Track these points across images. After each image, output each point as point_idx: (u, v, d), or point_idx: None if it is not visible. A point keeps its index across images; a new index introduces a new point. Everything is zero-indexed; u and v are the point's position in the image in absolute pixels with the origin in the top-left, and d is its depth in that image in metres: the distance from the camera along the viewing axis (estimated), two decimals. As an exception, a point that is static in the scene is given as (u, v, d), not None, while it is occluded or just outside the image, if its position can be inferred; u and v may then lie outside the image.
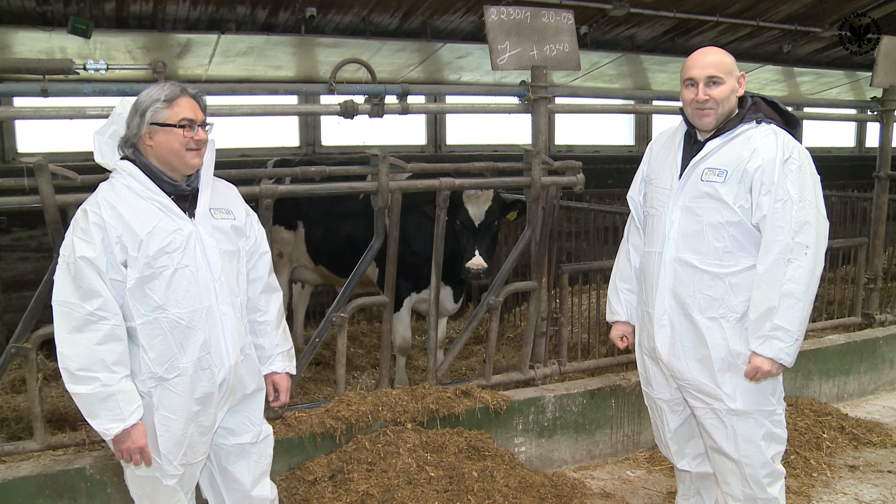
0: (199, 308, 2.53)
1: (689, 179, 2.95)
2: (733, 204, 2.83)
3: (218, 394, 2.63)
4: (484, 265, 4.55)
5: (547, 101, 4.31)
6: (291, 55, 7.29)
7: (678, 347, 3.00)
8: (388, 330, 4.20)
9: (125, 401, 2.43)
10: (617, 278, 3.35)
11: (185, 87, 2.56)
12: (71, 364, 2.39)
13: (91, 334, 2.39)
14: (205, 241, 2.56)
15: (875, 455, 4.46)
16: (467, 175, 4.25)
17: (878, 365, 5.57)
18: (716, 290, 2.89)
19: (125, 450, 2.49)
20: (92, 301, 2.39)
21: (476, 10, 6.59)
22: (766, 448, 2.95)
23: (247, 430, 2.79)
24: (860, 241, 5.97)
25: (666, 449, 3.35)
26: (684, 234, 2.95)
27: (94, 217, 2.43)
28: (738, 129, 2.90)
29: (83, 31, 5.53)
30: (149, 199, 2.51)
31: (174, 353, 2.51)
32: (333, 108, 4.00)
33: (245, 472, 2.80)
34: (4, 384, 5.13)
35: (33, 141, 7.58)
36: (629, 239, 3.33)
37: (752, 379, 2.86)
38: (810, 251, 2.76)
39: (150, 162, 2.54)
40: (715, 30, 7.80)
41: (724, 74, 2.88)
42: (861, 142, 12.41)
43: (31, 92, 3.56)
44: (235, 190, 2.86)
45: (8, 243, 7.28)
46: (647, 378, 3.27)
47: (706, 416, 3.02)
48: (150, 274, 2.45)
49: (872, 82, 5.55)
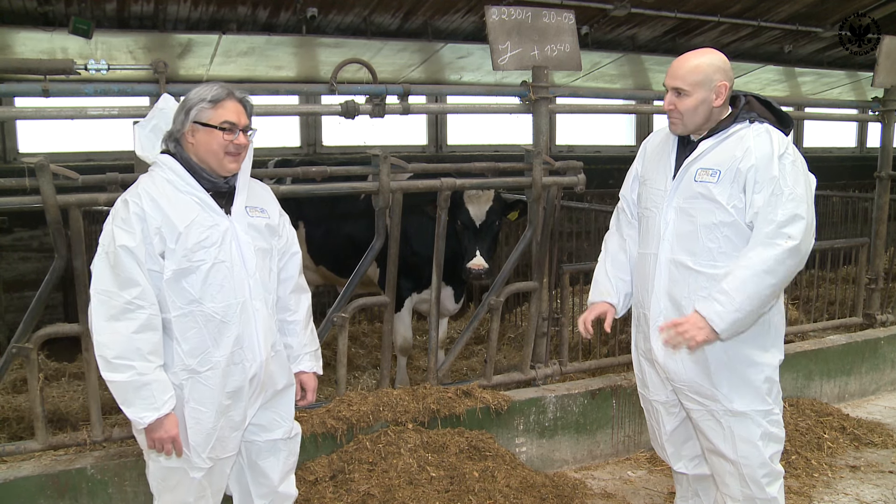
0: (233, 303, 2.56)
1: (682, 180, 2.94)
2: (727, 204, 2.82)
3: (249, 388, 2.66)
4: (485, 265, 4.56)
5: (548, 102, 4.31)
6: (292, 55, 7.29)
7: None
8: (389, 330, 4.20)
9: (159, 390, 2.46)
10: (608, 263, 3.26)
11: (232, 91, 2.59)
12: (108, 352, 2.42)
13: (128, 323, 2.41)
14: (240, 238, 2.60)
15: (876, 455, 4.46)
16: (468, 175, 4.25)
17: (880, 365, 5.57)
18: (710, 290, 2.85)
19: (157, 439, 2.51)
20: (130, 290, 2.42)
21: (477, 11, 6.59)
22: (763, 448, 2.94)
23: (278, 427, 2.83)
24: (861, 242, 5.97)
25: (662, 451, 3.34)
26: (679, 235, 2.94)
27: (135, 208, 2.46)
28: (730, 129, 2.89)
29: (84, 31, 5.54)
30: (187, 194, 2.55)
31: (208, 347, 2.55)
32: (334, 108, 4.00)
33: (275, 467, 2.84)
34: (6, 384, 5.14)
35: (34, 141, 7.60)
36: (621, 229, 3.26)
37: (669, 338, 2.77)
38: (792, 242, 2.70)
39: (191, 157, 2.58)
40: (716, 30, 7.79)
41: (690, 86, 2.84)
42: (862, 142, 12.41)
43: (32, 92, 3.56)
44: (270, 190, 2.90)
45: (9, 243, 7.29)
46: (643, 380, 3.26)
47: (703, 418, 3.01)
48: (187, 267, 2.49)
49: (874, 82, 5.54)
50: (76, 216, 3.29)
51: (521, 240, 4.33)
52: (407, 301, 5.13)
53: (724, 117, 2.93)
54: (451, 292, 5.15)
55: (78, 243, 3.31)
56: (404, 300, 5.10)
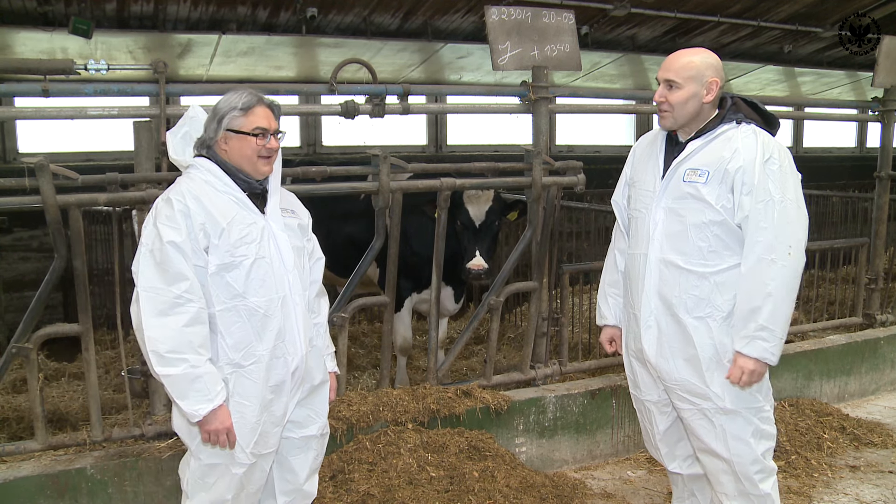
0: (275, 297, 2.63)
1: (671, 180, 2.95)
2: (715, 204, 2.84)
3: (290, 382, 2.71)
4: (485, 266, 4.56)
5: (548, 102, 4.31)
6: (292, 55, 7.29)
7: (665, 348, 3.00)
8: (388, 330, 4.20)
9: (212, 382, 2.50)
10: (605, 282, 3.34)
11: (261, 97, 2.67)
12: (160, 346, 2.44)
13: (178, 317, 2.45)
14: (277, 236, 2.68)
15: (876, 455, 4.46)
16: (468, 175, 4.25)
17: (879, 365, 5.57)
18: (701, 289, 2.89)
19: (212, 431, 2.52)
20: (179, 284, 2.47)
21: (477, 11, 6.59)
22: (755, 445, 2.96)
23: (313, 422, 2.87)
24: (861, 242, 5.97)
25: (656, 451, 3.33)
26: (668, 235, 2.96)
27: (180, 205, 2.52)
28: (718, 130, 2.91)
29: (84, 31, 5.54)
30: (225, 193, 2.62)
31: (251, 341, 2.60)
32: (334, 108, 4.00)
33: (303, 464, 2.88)
34: (5, 384, 5.14)
35: (34, 141, 7.60)
36: (615, 243, 3.32)
37: (737, 381, 2.85)
38: (793, 250, 2.76)
39: (226, 161, 2.66)
40: (716, 30, 7.80)
41: (683, 80, 2.89)
42: (862, 142, 12.41)
43: (32, 92, 3.56)
44: (296, 197, 3.01)
45: (9, 243, 7.29)
46: (634, 380, 3.26)
47: (694, 417, 3.01)
48: (230, 262, 2.55)
49: (873, 82, 5.55)
50: (76, 216, 3.28)
51: (521, 240, 4.33)
52: (407, 301, 5.13)
53: (713, 118, 2.95)
54: (451, 292, 5.16)
55: (78, 243, 3.31)
56: (404, 300, 5.10)
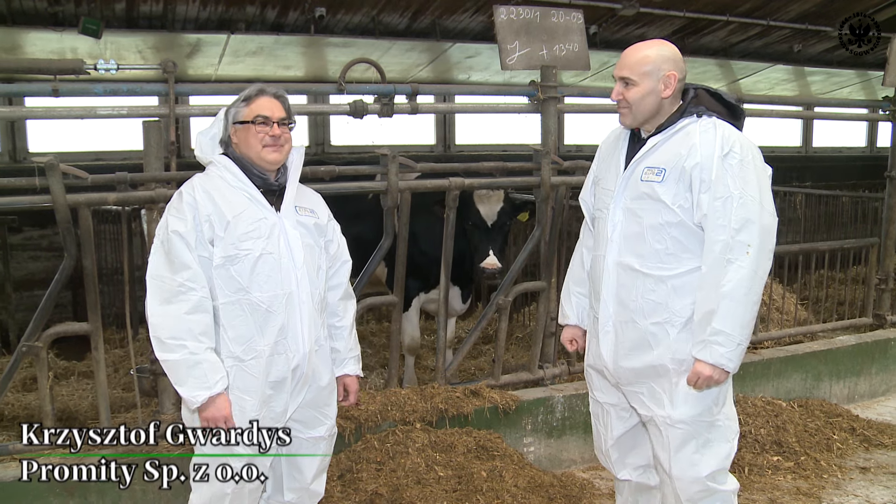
0: (279, 294, 2.64)
1: (629, 179, 2.80)
2: (672, 204, 2.68)
3: (291, 380, 2.71)
4: (498, 265, 4.54)
5: (556, 101, 4.30)
6: (301, 55, 7.31)
7: (622, 354, 2.85)
8: (397, 330, 4.20)
9: (211, 370, 2.52)
10: (570, 281, 3.18)
11: (264, 88, 2.73)
12: (161, 332, 2.52)
13: (180, 304, 2.51)
14: (288, 233, 2.69)
15: (886, 457, 4.43)
16: (477, 175, 4.25)
17: (890, 366, 5.53)
18: (658, 294, 2.74)
19: (210, 417, 2.56)
20: (182, 273, 2.52)
21: (485, 10, 6.58)
22: (701, 463, 2.77)
23: (321, 424, 2.89)
24: (871, 242, 5.94)
25: (606, 459, 3.14)
26: (626, 237, 2.80)
27: (188, 198, 2.60)
28: (678, 125, 2.74)
29: (94, 31, 5.57)
30: (239, 189, 2.66)
31: (252, 335, 2.62)
32: (343, 107, 4.00)
33: (311, 465, 2.91)
34: (16, 382, 5.16)
35: (44, 140, 7.64)
36: (583, 241, 3.15)
37: (694, 386, 2.68)
38: (752, 250, 2.58)
39: (242, 157, 2.71)
40: (725, 29, 7.77)
41: (638, 76, 2.72)
42: (872, 141, 12.33)
43: (42, 92, 3.58)
44: (321, 198, 3.00)
45: (19, 242, 7.32)
46: (592, 383, 3.12)
47: (648, 423, 2.87)
48: (234, 255, 2.58)
49: (884, 81, 5.51)
50: (86, 215, 3.30)
51: (530, 239, 4.33)
52: (415, 301, 5.13)
53: (673, 112, 2.77)
54: (459, 292, 5.15)
55: (87, 242, 3.32)
56: (412, 300, 5.09)
